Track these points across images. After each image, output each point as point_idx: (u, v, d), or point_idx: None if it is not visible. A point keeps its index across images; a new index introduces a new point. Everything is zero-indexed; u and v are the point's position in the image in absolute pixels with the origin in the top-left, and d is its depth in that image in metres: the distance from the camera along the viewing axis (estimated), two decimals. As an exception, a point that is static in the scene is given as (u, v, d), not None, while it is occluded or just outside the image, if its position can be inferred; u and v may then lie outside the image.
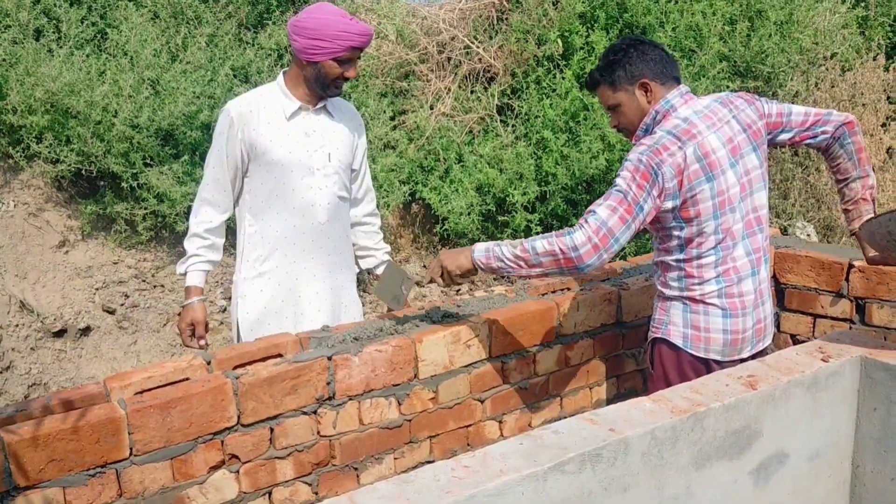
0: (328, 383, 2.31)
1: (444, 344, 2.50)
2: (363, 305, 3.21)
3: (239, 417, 2.18)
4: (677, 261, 2.40)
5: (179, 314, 2.70)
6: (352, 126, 2.86)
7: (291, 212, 2.71)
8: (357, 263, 3.03)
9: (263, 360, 2.32)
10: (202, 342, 2.69)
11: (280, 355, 2.35)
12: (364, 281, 4.27)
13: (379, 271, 3.00)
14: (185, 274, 2.73)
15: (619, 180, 2.26)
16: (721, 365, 2.37)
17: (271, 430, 2.25)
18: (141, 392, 2.12)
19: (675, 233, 2.36)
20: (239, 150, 2.66)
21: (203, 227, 2.71)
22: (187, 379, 2.19)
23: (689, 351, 2.41)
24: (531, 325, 2.70)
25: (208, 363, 2.28)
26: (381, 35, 5.63)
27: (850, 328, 2.97)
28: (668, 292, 2.46)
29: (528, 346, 2.71)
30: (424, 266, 5.21)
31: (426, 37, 5.49)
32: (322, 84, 2.65)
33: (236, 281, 2.82)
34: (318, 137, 2.73)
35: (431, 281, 2.46)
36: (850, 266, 2.98)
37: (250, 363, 2.30)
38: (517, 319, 2.66)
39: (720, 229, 2.34)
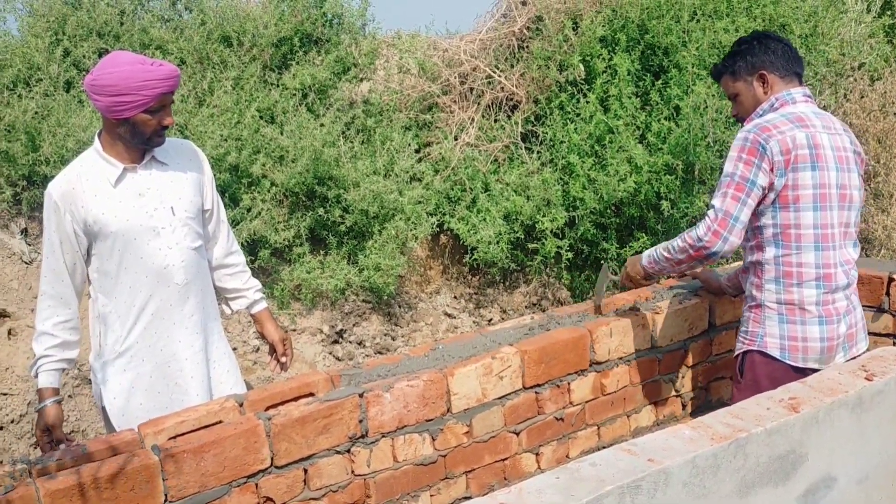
0: (360, 421, 2.30)
1: (477, 376, 2.48)
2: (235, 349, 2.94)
3: (272, 459, 2.17)
4: (775, 257, 2.38)
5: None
6: (191, 166, 2.64)
7: (145, 281, 2.49)
8: (227, 305, 2.85)
9: (295, 399, 2.32)
10: (62, 446, 2.39)
11: (312, 394, 2.34)
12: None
13: (253, 311, 2.83)
14: (36, 376, 2.50)
15: (725, 165, 2.35)
16: None
17: (305, 470, 2.23)
18: (174, 437, 2.13)
19: (771, 221, 2.36)
20: (72, 233, 2.44)
21: (50, 322, 2.48)
22: (220, 422, 2.19)
23: (788, 361, 2.40)
24: (564, 354, 2.66)
25: (241, 405, 2.28)
26: (404, 69, 5.68)
27: (894, 344, 2.88)
28: (762, 297, 2.43)
29: (562, 376, 2.67)
30: (455, 297, 5.19)
31: (448, 68, 5.52)
32: (141, 139, 2.44)
33: (94, 367, 2.59)
34: (155, 194, 2.51)
35: (625, 284, 2.76)
36: (891, 280, 2.90)
37: (282, 403, 2.29)
38: (549, 348, 2.63)
39: (819, 224, 2.33)
